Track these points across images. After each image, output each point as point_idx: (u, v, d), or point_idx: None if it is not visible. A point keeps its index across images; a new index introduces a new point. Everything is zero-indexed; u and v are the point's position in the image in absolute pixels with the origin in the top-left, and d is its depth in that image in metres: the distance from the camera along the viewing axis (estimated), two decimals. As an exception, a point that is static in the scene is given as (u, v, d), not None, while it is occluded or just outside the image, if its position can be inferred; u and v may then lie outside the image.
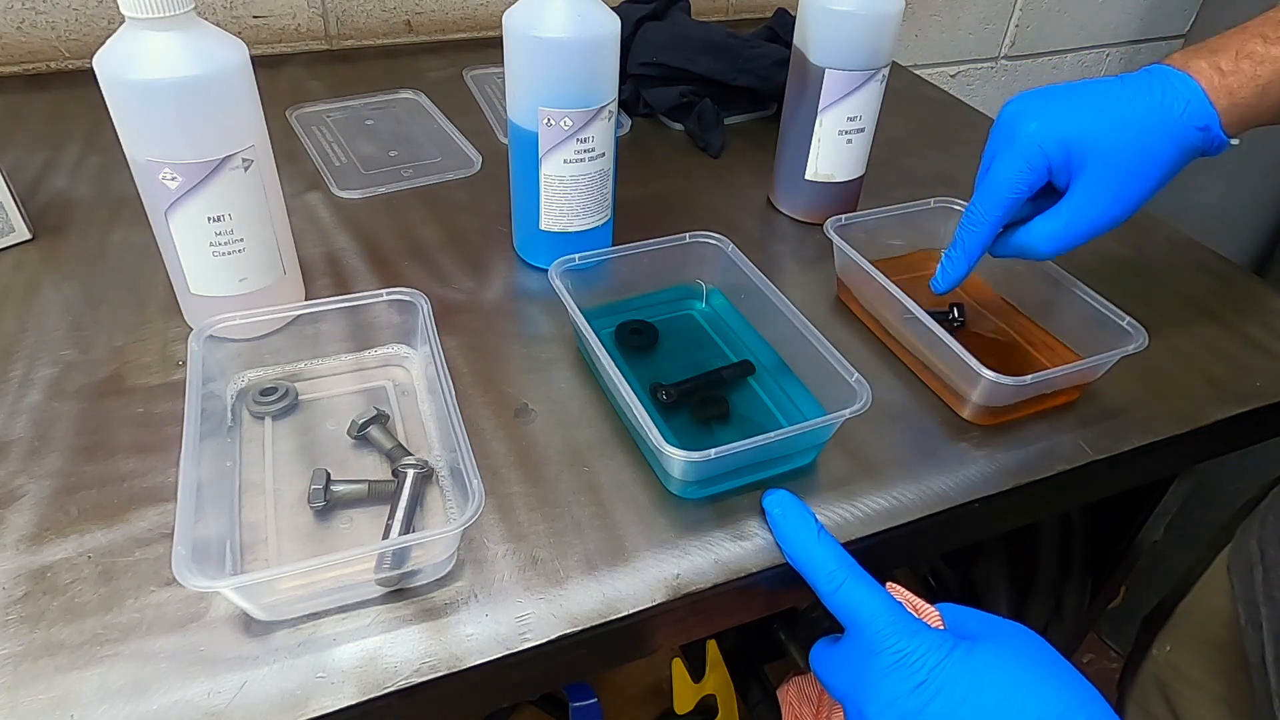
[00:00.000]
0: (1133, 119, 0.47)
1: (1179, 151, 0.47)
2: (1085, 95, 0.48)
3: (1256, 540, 0.51)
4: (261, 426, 0.47)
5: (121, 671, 0.35)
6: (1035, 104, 0.49)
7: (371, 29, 0.94)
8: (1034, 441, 0.50)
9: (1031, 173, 0.48)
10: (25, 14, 0.81)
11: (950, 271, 0.52)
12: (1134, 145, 0.47)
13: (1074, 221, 0.48)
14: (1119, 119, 0.47)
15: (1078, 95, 0.48)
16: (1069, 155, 0.47)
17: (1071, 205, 0.48)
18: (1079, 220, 0.48)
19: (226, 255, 0.49)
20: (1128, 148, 0.47)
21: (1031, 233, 0.49)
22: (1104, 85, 0.48)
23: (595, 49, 0.52)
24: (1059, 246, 0.49)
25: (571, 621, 0.39)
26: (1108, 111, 0.47)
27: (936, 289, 0.53)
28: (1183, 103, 0.47)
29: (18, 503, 0.42)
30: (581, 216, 0.58)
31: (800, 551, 0.41)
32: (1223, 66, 0.47)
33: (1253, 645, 0.49)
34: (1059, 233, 0.49)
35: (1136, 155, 0.47)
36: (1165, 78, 0.47)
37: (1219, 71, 0.47)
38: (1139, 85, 0.48)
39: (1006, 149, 0.49)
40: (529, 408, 0.50)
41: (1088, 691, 0.35)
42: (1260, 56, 0.46)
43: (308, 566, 0.37)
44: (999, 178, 0.49)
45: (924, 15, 1.23)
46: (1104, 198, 0.48)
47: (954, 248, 0.52)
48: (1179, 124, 0.47)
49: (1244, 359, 0.58)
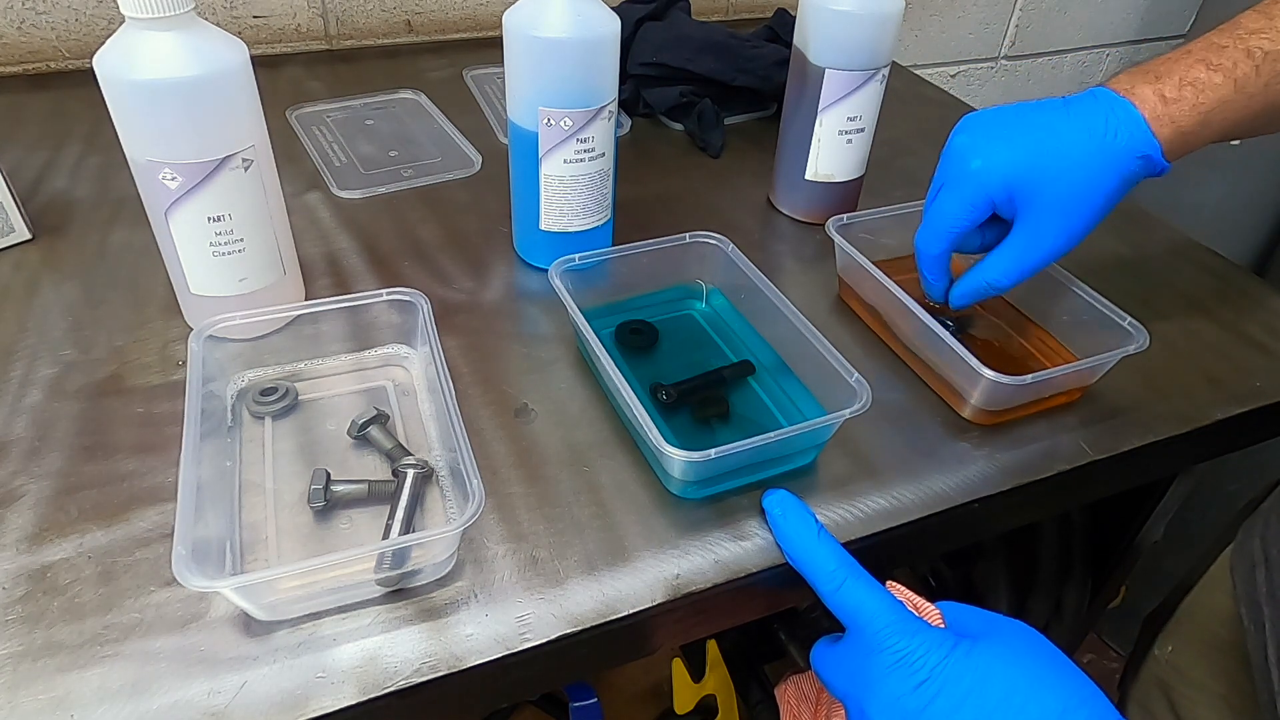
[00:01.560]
0: (1075, 153, 0.47)
1: (1120, 181, 0.48)
2: (1029, 127, 0.49)
3: (1259, 540, 0.51)
4: (261, 426, 0.47)
5: (121, 671, 0.35)
6: (982, 138, 0.50)
7: (371, 29, 0.94)
8: (1034, 441, 0.50)
9: (975, 210, 0.50)
10: (25, 14, 0.81)
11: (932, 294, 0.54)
12: (1076, 180, 0.47)
13: (1023, 254, 0.50)
14: (1059, 152, 0.48)
15: (1022, 127, 0.49)
16: (1012, 192, 0.49)
17: (1019, 240, 0.49)
18: (1028, 253, 0.49)
19: (226, 255, 0.49)
20: (1070, 183, 0.48)
21: (985, 271, 0.51)
22: (1048, 115, 0.49)
23: (595, 49, 0.52)
24: (1014, 278, 0.50)
25: (571, 621, 0.39)
26: (1050, 146, 0.48)
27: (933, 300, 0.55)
28: (1126, 134, 0.47)
29: (18, 503, 0.42)
30: (581, 216, 0.58)
31: (800, 551, 0.41)
32: (1166, 94, 0.47)
33: (1255, 645, 0.49)
34: (1011, 266, 0.50)
35: (1078, 189, 0.48)
36: (1109, 106, 0.48)
37: (1162, 100, 0.47)
38: (1082, 114, 0.48)
39: (952, 185, 0.50)
40: (529, 408, 0.50)
41: (1089, 689, 0.35)
42: (1203, 84, 0.46)
43: (308, 566, 0.37)
44: (944, 212, 0.51)
45: (924, 15, 1.23)
46: (1049, 231, 0.49)
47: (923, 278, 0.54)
48: (1120, 154, 0.47)
49: (1244, 359, 0.58)
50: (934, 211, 0.52)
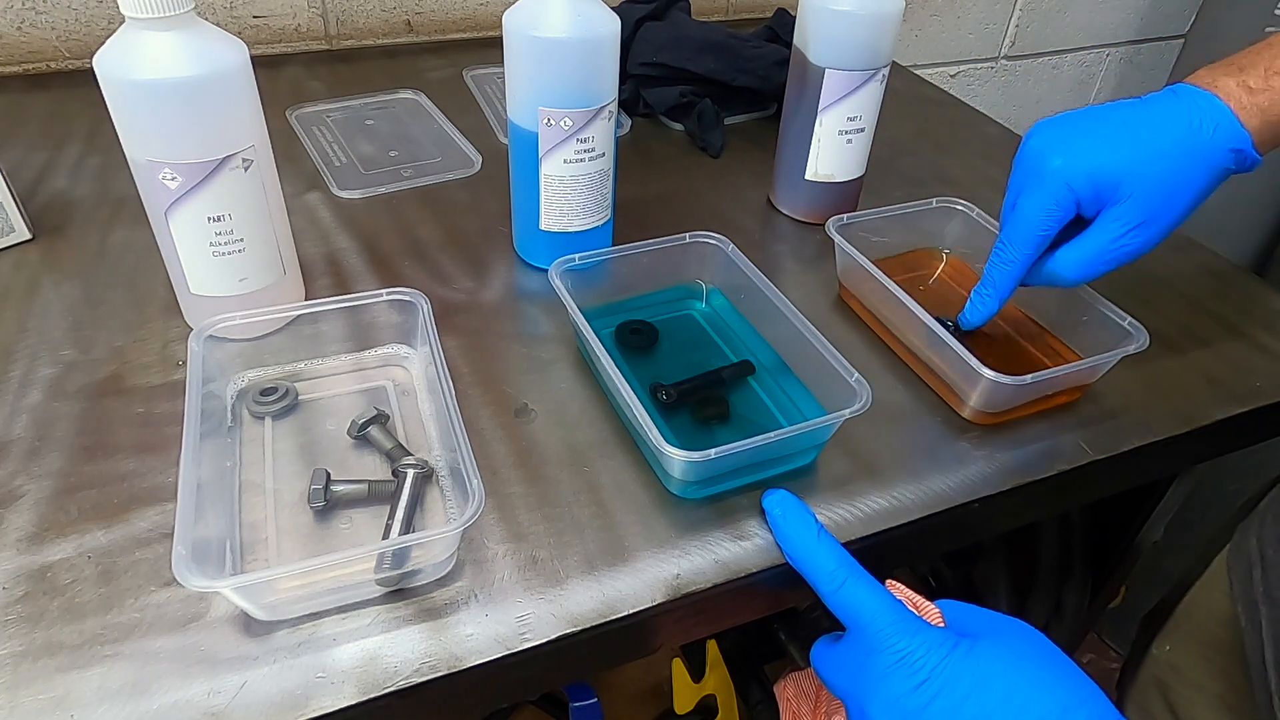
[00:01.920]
0: (1162, 148, 0.45)
1: (1210, 175, 0.46)
2: (1111, 124, 0.47)
3: (1256, 540, 0.51)
4: (261, 426, 0.47)
5: (121, 671, 0.35)
6: (1060, 136, 0.47)
7: (371, 29, 0.94)
8: (1034, 441, 0.50)
9: (1060, 209, 0.47)
10: (25, 14, 0.81)
11: (981, 308, 0.52)
12: (1164, 174, 0.45)
13: (1103, 250, 0.47)
14: (1148, 149, 0.45)
15: (1103, 125, 0.47)
16: (1097, 190, 0.46)
17: (1100, 234, 0.47)
18: (1108, 248, 0.47)
19: (226, 255, 0.49)
20: (1158, 177, 0.45)
21: (1059, 261, 0.49)
22: (1129, 111, 0.47)
23: (595, 49, 0.52)
24: (1087, 274, 0.48)
25: (571, 621, 0.39)
26: (1136, 142, 0.46)
27: (966, 324, 0.53)
28: (1211, 126, 0.45)
29: (18, 503, 0.42)
30: (581, 216, 0.58)
31: (800, 551, 0.41)
32: (1251, 84, 0.45)
33: (1252, 645, 0.49)
34: (1087, 260, 0.48)
35: (1166, 184, 0.45)
36: (1192, 99, 0.46)
37: (1247, 90, 0.45)
38: (1165, 110, 0.46)
39: (1034, 186, 0.48)
40: (529, 408, 0.50)
41: (1089, 688, 0.35)
42: None
43: (308, 566, 0.37)
44: (1027, 216, 0.48)
45: (924, 15, 1.23)
46: (1133, 227, 0.46)
47: (985, 285, 0.51)
48: (1209, 148, 0.45)
49: (1244, 359, 0.58)
50: (1014, 218, 0.48)
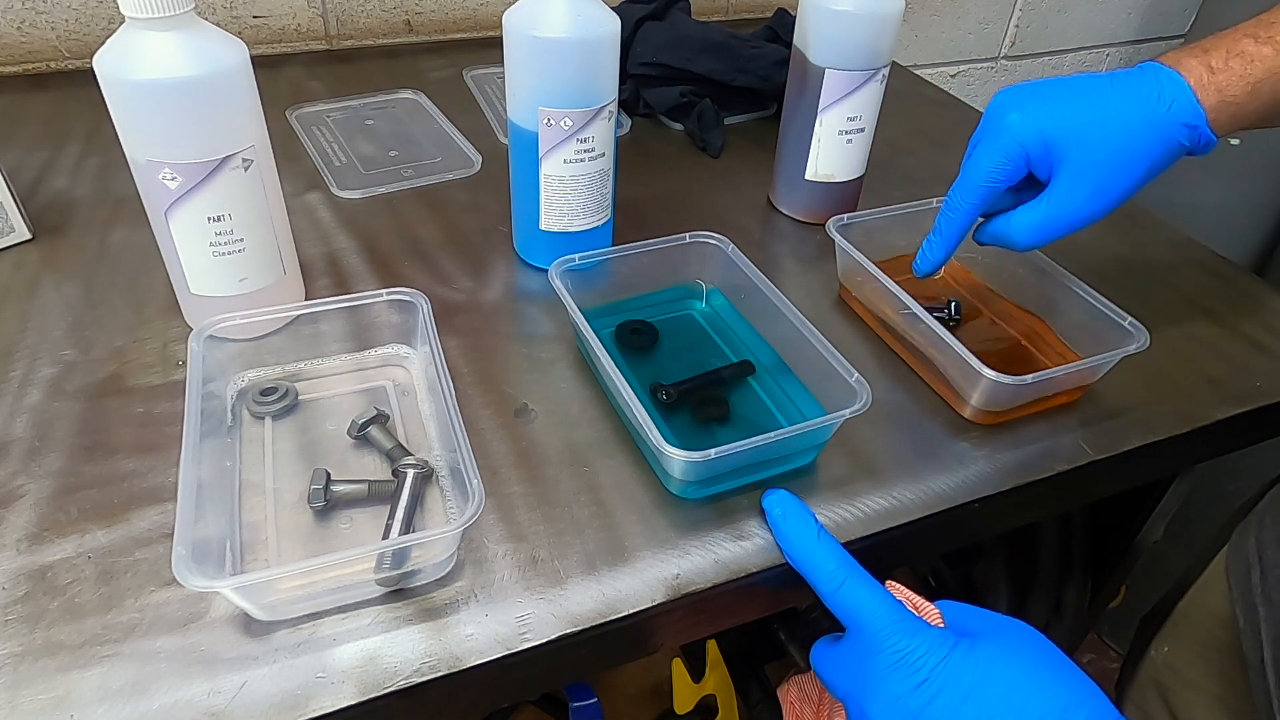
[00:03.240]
0: (1117, 115, 0.47)
1: (1164, 149, 0.47)
2: (1072, 90, 0.48)
3: (1254, 541, 0.51)
4: (261, 426, 0.47)
5: (121, 671, 0.35)
6: (1021, 96, 0.49)
7: (371, 29, 0.94)
8: (1034, 441, 0.50)
9: (1008, 164, 0.48)
10: (25, 14, 0.81)
11: (929, 256, 0.53)
12: (1116, 141, 0.47)
13: (1052, 215, 0.48)
14: (1102, 114, 0.47)
15: (1064, 90, 0.48)
16: (1049, 149, 0.47)
17: (1050, 199, 0.48)
18: (1057, 214, 0.48)
19: (226, 255, 0.49)
20: (1109, 143, 0.47)
21: (1010, 223, 0.50)
22: (1092, 80, 0.48)
23: (595, 49, 0.52)
24: (1037, 239, 0.49)
25: (571, 621, 0.39)
26: (1092, 107, 0.47)
27: (917, 271, 0.54)
28: (1168, 99, 0.46)
29: (18, 503, 0.42)
30: (581, 216, 0.58)
31: (800, 551, 0.41)
32: (1213, 64, 0.46)
33: (1251, 646, 0.49)
34: (1037, 225, 0.49)
35: (1118, 151, 0.47)
36: (1155, 74, 0.47)
37: (1209, 69, 0.46)
38: (1127, 81, 0.48)
39: (988, 139, 0.49)
40: (529, 408, 0.50)
41: (1089, 688, 0.35)
42: (1251, 55, 0.46)
43: (308, 566, 0.37)
44: (977, 167, 0.49)
45: (924, 15, 1.23)
46: (1083, 192, 0.47)
47: (934, 233, 0.52)
48: (1164, 120, 0.46)
49: (1244, 359, 0.58)
50: (966, 167, 0.50)
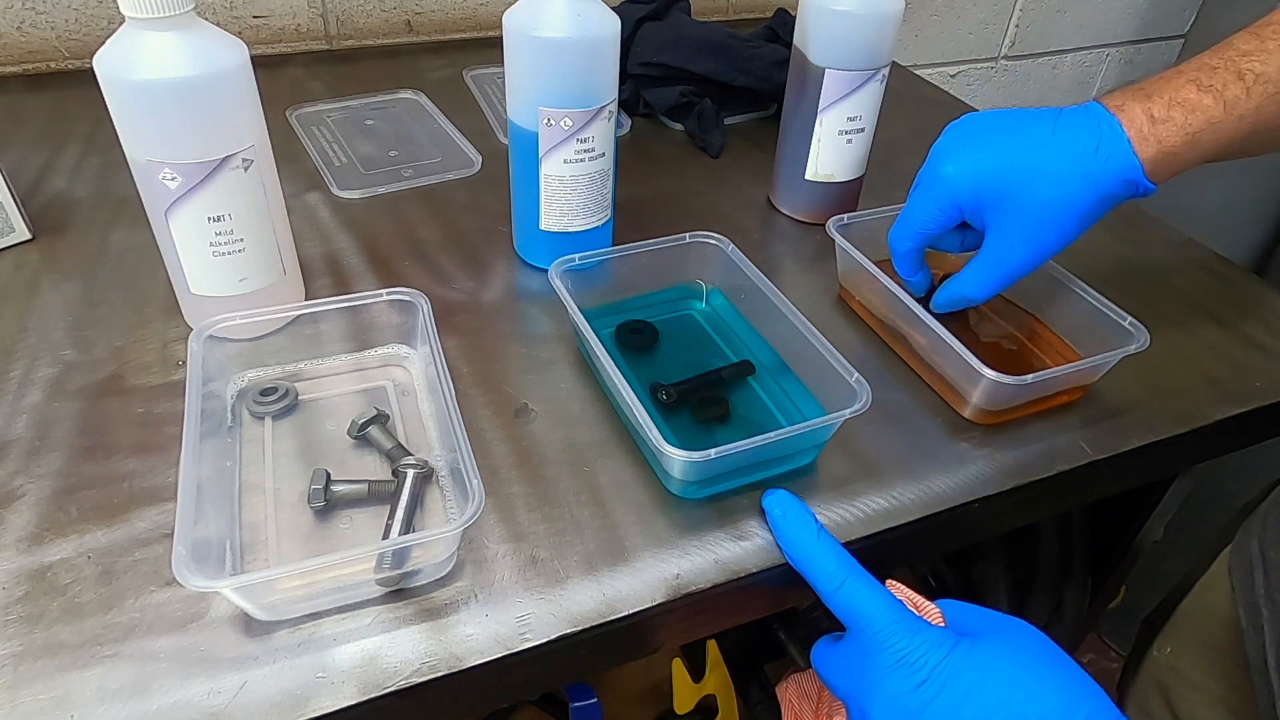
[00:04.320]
0: (1051, 168, 0.47)
1: (1098, 199, 0.47)
2: (1012, 137, 0.49)
3: (1257, 541, 0.51)
4: (261, 426, 0.47)
5: (121, 671, 0.35)
6: (960, 143, 0.50)
7: (371, 29, 0.94)
8: (1034, 441, 0.50)
9: (941, 214, 0.51)
10: (25, 14, 0.81)
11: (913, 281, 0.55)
12: (1044, 195, 0.47)
13: (993, 268, 0.50)
14: (1035, 166, 0.47)
15: (1005, 137, 0.49)
16: (980, 202, 0.49)
17: (988, 253, 0.50)
18: (997, 267, 0.50)
19: (226, 255, 0.49)
20: (1037, 197, 0.47)
21: (962, 282, 0.52)
22: (1036, 124, 0.48)
23: (595, 49, 0.52)
24: (988, 292, 0.51)
25: (571, 621, 0.39)
26: (1026, 158, 0.48)
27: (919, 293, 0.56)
28: (1105, 153, 0.46)
29: (18, 503, 0.42)
30: (581, 216, 0.58)
31: (800, 551, 0.41)
32: (1154, 114, 0.46)
33: (1254, 647, 0.49)
34: (984, 280, 0.51)
35: (1046, 204, 0.47)
36: (1096, 123, 0.47)
37: (1150, 119, 0.46)
38: (1069, 129, 0.47)
39: (924, 187, 0.51)
40: (529, 408, 0.50)
41: (1089, 687, 0.35)
42: (1192, 105, 0.46)
43: (308, 566, 0.37)
44: (912, 214, 0.52)
45: (924, 15, 1.23)
46: (1016, 244, 0.49)
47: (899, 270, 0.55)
48: (1099, 175, 0.47)
49: (1244, 359, 0.58)
50: (905, 210, 0.53)
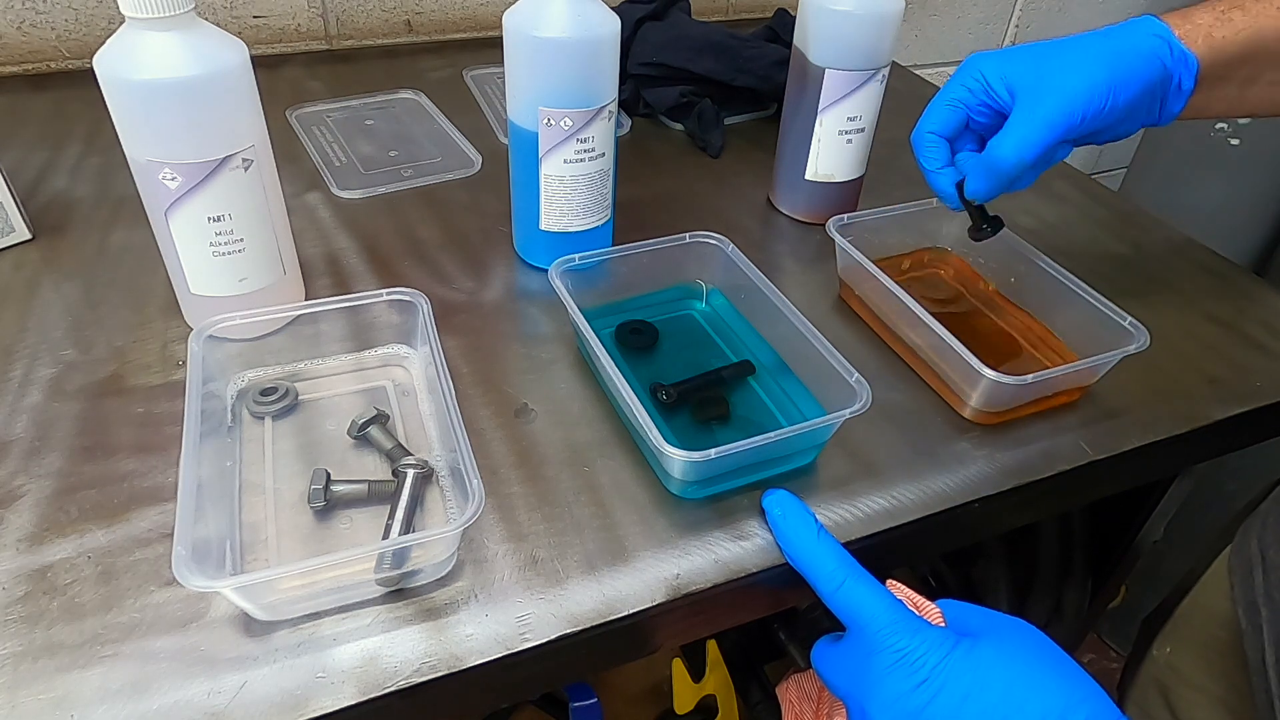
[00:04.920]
0: (1078, 40, 0.49)
1: (1134, 54, 0.48)
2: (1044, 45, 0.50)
3: (1257, 541, 0.51)
4: (261, 426, 0.47)
5: (121, 671, 0.35)
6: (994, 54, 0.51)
7: (371, 29, 0.94)
8: (1034, 441, 0.50)
9: (967, 91, 0.51)
10: (25, 14, 0.81)
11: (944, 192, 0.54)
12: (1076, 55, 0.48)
13: (1026, 124, 0.48)
14: (1064, 44, 0.49)
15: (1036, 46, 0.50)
16: (1009, 80, 0.49)
17: (1020, 113, 0.48)
18: (1029, 122, 0.47)
19: (226, 255, 0.49)
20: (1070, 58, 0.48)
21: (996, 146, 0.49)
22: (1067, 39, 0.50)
23: (595, 49, 0.52)
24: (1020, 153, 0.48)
25: (571, 621, 0.39)
26: (1053, 44, 0.49)
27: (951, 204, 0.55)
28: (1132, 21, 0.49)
29: (18, 503, 0.42)
30: (581, 216, 0.58)
31: (800, 551, 0.41)
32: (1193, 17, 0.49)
33: (1253, 647, 0.49)
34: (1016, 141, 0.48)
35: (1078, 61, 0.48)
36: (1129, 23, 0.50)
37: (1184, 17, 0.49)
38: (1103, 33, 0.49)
39: (954, 76, 0.52)
40: (529, 408, 0.50)
41: (1090, 687, 0.35)
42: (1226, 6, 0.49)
43: (308, 566, 0.37)
44: (941, 95, 0.52)
45: (924, 15, 1.23)
46: (1047, 95, 0.48)
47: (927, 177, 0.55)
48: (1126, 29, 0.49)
49: (1244, 359, 0.58)
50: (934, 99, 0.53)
